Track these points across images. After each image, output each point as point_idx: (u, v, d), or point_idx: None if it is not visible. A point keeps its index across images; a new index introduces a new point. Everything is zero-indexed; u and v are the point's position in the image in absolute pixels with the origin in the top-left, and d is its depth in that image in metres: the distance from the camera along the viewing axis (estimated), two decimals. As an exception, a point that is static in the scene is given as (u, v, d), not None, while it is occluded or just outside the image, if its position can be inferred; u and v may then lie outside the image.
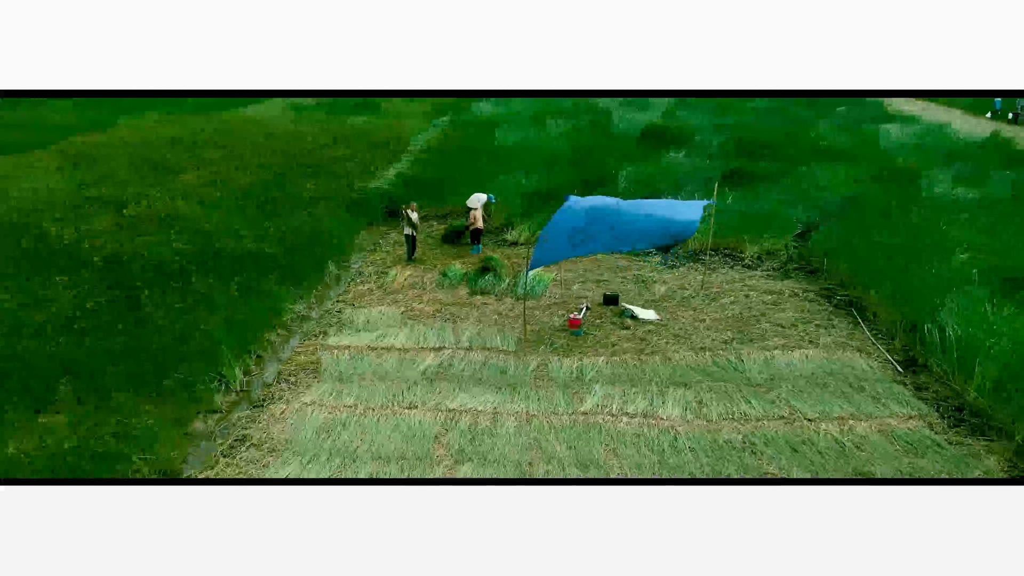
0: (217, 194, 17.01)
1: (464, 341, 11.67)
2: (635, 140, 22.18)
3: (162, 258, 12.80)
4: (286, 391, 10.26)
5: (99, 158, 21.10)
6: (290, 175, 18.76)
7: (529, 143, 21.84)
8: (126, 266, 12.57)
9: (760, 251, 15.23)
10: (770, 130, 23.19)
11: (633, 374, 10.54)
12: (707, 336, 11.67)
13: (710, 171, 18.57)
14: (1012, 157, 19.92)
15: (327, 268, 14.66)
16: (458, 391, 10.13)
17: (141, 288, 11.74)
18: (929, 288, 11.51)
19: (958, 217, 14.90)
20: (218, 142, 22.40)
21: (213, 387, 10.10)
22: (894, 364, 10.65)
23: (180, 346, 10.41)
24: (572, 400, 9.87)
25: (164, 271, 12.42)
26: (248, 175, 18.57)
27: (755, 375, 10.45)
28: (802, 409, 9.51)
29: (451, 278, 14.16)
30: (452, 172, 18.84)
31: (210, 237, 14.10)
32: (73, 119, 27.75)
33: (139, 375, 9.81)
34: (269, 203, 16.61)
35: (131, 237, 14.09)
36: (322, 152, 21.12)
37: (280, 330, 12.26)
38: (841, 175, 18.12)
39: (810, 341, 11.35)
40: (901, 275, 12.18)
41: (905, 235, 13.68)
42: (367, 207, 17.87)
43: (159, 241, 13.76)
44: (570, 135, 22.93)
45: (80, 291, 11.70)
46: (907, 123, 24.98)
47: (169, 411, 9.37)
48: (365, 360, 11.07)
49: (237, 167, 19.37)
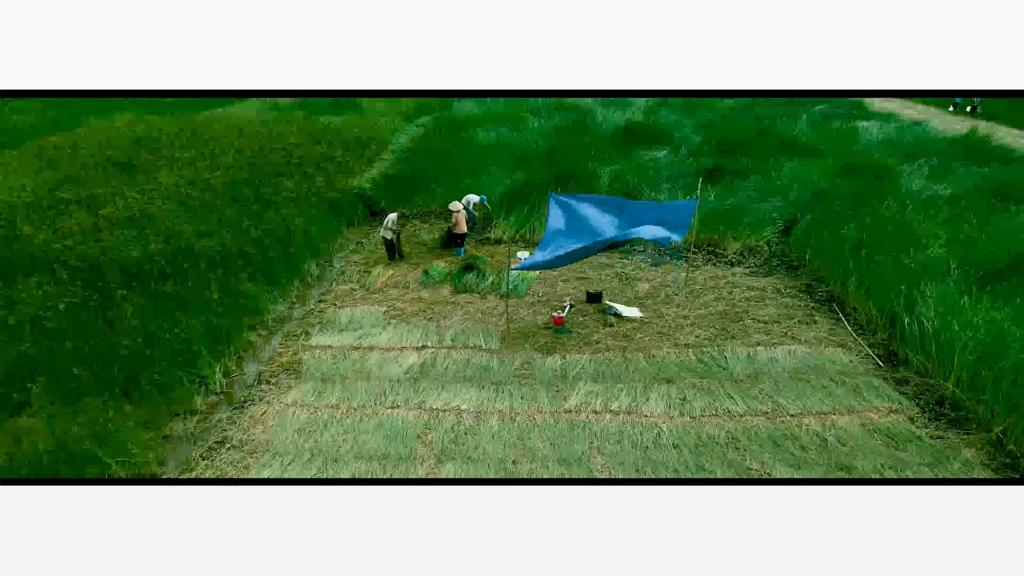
0: (193, 194, 16.73)
1: (447, 340, 11.60)
2: (614, 138, 22.18)
3: (138, 258, 12.57)
4: (267, 392, 10.13)
5: (68, 159, 20.70)
6: (267, 175, 18.51)
7: (509, 141, 21.76)
8: (101, 267, 12.31)
9: (742, 247, 15.31)
10: (744, 127, 23.31)
11: (617, 371, 10.54)
12: (691, 333, 11.70)
13: (690, 168, 18.61)
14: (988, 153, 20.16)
15: (308, 267, 14.52)
16: (441, 390, 10.06)
17: (116, 289, 11.50)
18: (906, 281, 11.61)
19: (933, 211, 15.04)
20: (191, 143, 22.04)
21: (192, 388, 9.95)
22: (875, 358, 10.74)
23: (156, 348, 10.21)
24: (556, 397, 9.84)
25: (140, 272, 12.20)
26: (224, 175, 18.27)
27: (738, 371, 10.49)
28: (785, 404, 9.55)
29: (434, 277, 14.08)
30: (432, 171, 18.71)
31: (187, 237, 13.88)
32: (39, 119, 27.29)
33: (114, 377, 9.62)
34: (247, 203, 16.38)
35: (106, 237, 13.82)
36: (299, 151, 20.87)
37: (261, 330, 12.12)
38: (817, 171, 18.23)
39: (792, 337, 11.42)
40: (877, 268, 12.28)
41: (880, 230, 13.78)
42: (347, 207, 17.72)
43: (134, 242, 13.51)
44: (551, 133, 22.89)
45: (54, 292, 11.45)
46: (884, 120, 25.22)
47: (145, 413, 9.21)
48: (348, 360, 10.96)
49: (212, 167, 19.04)
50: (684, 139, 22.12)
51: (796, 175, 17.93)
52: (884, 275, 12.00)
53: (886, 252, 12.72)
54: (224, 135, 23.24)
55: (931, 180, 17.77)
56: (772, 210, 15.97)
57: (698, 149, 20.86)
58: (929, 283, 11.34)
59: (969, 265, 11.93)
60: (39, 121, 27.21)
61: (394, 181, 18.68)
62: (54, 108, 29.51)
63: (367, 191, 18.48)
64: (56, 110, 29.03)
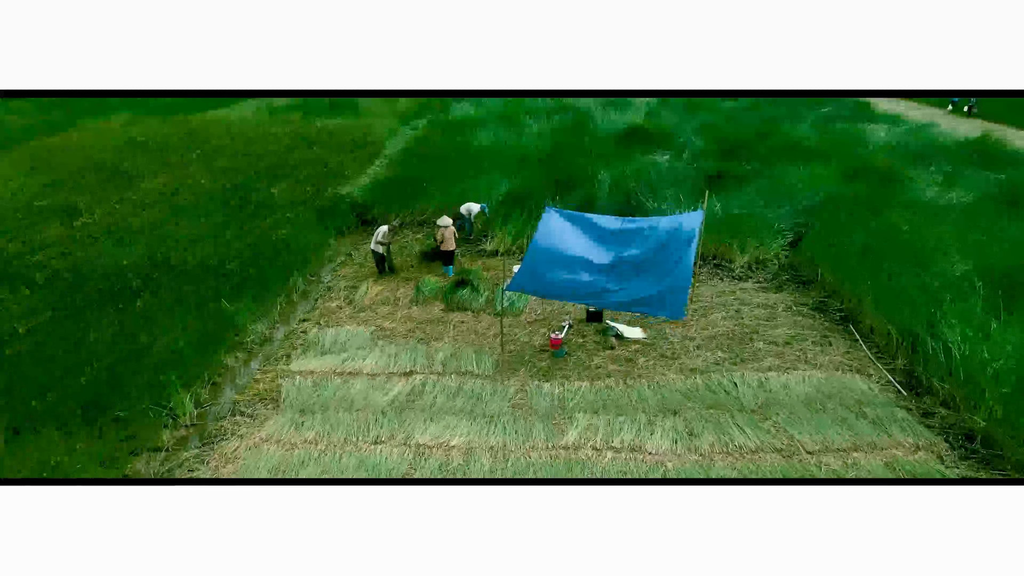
0: (179, 202, 16.04)
1: (437, 364, 10.87)
2: (614, 141, 21.40)
3: (111, 273, 11.82)
4: (241, 425, 9.38)
5: (57, 163, 20.02)
6: (258, 181, 17.80)
7: (507, 145, 20.98)
8: (72, 282, 11.57)
9: (750, 260, 14.54)
10: (746, 129, 22.50)
11: (619, 401, 9.79)
12: (697, 356, 10.95)
13: (693, 174, 17.81)
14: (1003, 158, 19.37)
15: (294, 283, 13.77)
16: (429, 422, 9.32)
17: (84, 308, 10.76)
18: (927, 299, 10.85)
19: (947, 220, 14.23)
20: (183, 146, 21.35)
21: (161, 420, 9.22)
22: (896, 386, 9.99)
23: (123, 375, 9.48)
24: (553, 432, 9.09)
25: (111, 288, 11.45)
26: (213, 181, 17.60)
27: (749, 400, 9.74)
28: (800, 439, 8.80)
29: (426, 293, 13.33)
30: (427, 177, 17.93)
31: (166, 250, 13.16)
32: (32, 120, 26.55)
33: (74, 409, 8.89)
34: (233, 212, 15.65)
35: (81, 249, 13.09)
36: (293, 155, 20.15)
37: (240, 352, 11.38)
38: (824, 176, 17.41)
39: (807, 361, 10.66)
40: (894, 284, 11.51)
41: (893, 241, 13.01)
42: (338, 214, 16.97)
43: (110, 254, 12.77)
44: (549, 136, 22.12)
45: (17, 311, 10.72)
46: (891, 122, 24.41)
47: (105, 449, 8.46)
48: (330, 387, 10.22)
49: (202, 173, 18.38)
50: (686, 142, 21.31)
51: (802, 181, 17.11)
52: (902, 292, 11.24)
53: (903, 266, 11.95)
54: (218, 138, 22.56)
55: (943, 186, 16.99)
56: (779, 219, 15.16)
57: (700, 153, 20.04)
58: (952, 301, 10.57)
59: (991, 280, 11.15)
60: (32, 123, 26.53)
61: (387, 187, 17.92)
62: (49, 109, 28.81)
63: (358, 198, 17.72)
64: (51, 111, 28.33)
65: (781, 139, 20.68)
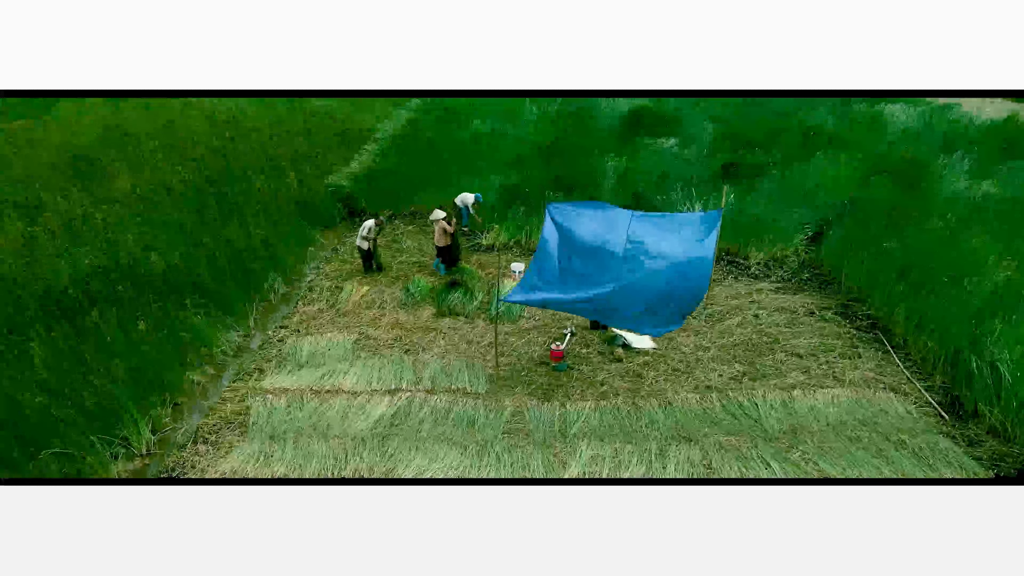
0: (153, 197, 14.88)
1: (426, 380, 9.83)
2: (619, 125, 20.14)
3: (64, 283, 10.73)
4: (203, 456, 8.36)
5: (28, 152, 18.78)
6: (237, 172, 16.59)
7: (504, 132, 19.72)
8: (17, 295, 10.45)
9: (767, 257, 13.44)
10: (760, 114, 21.17)
11: (627, 425, 8.78)
12: (713, 370, 9.92)
13: (703, 165, 16.62)
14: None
15: (272, 285, 12.68)
16: (414, 452, 8.31)
17: (32, 323, 9.69)
18: (965, 309, 9.79)
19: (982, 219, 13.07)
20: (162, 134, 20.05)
21: (112, 451, 8.21)
22: (936, 408, 8.96)
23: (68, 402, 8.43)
24: (552, 464, 8.08)
25: (65, 299, 10.35)
26: (188, 172, 16.40)
27: (772, 425, 8.73)
28: (832, 474, 7.79)
29: (415, 295, 12.25)
30: (420, 168, 16.75)
31: (130, 253, 12.05)
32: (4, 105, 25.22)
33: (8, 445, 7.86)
34: (208, 208, 14.51)
35: (32, 256, 11.96)
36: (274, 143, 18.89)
37: (208, 367, 10.34)
38: (845, 169, 16.22)
39: (835, 377, 9.63)
40: (927, 292, 10.43)
41: (925, 242, 11.89)
42: (324, 207, 15.82)
43: (67, 259, 11.67)
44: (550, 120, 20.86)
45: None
46: (910, 103, 22.98)
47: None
48: (304, 409, 9.20)
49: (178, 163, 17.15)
50: (695, 127, 20.04)
51: (823, 173, 15.92)
52: (938, 301, 10.17)
53: (937, 273, 10.84)
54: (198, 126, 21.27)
55: (974, 178, 15.80)
56: (798, 216, 14.01)
57: (711, 141, 18.77)
58: (998, 315, 9.51)
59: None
60: (4, 107, 25.18)
61: (377, 177, 16.73)
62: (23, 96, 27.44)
63: (345, 189, 16.54)
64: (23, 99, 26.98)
65: (798, 125, 19.39)
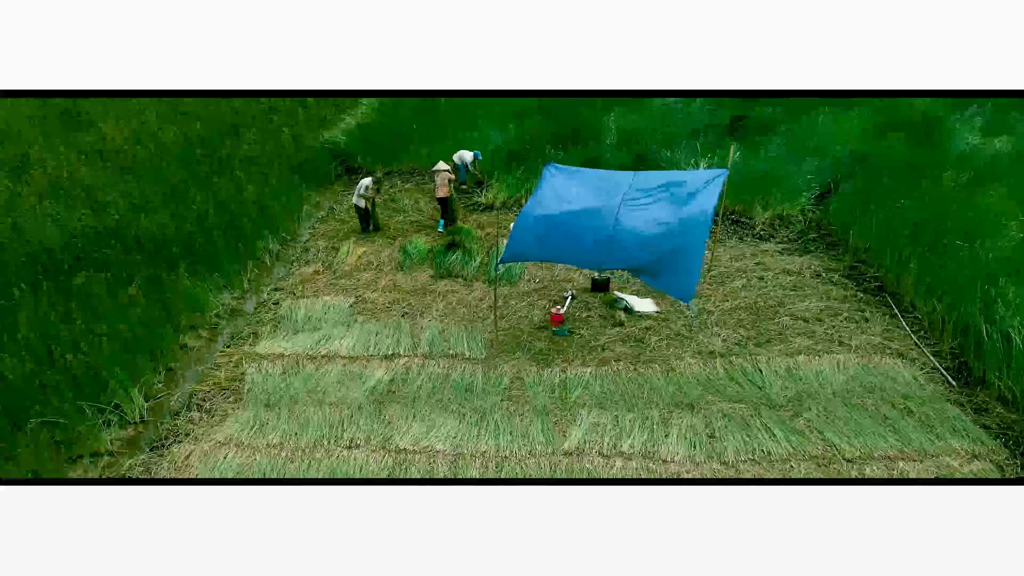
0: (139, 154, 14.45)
1: (423, 345, 9.64)
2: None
3: (50, 244, 10.45)
4: (197, 424, 8.22)
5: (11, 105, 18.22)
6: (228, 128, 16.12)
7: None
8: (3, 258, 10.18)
9: (772, 217, 13.11)
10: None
11: (628, 392, 8.61)
12: (716, 335, 9.72)
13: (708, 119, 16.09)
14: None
15: (266, 245, 12.39)
16: (412, 420, 8.17)
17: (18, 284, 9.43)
18: (977, 272, 9.53)
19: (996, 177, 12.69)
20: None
21: (104, 419, 8.07)
22: (944, 374, 8.79)
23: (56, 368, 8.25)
24: (553, 433, 7.94)
25: (53, 261, 10.09)
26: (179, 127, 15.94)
27: (777, 392, 8.56)
28: (838, 444, 7.65)
29: (413, 256, 11.98)
30: (415, 123, 16.24)
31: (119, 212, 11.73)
32: None
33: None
34: (199, 163, 14.12)
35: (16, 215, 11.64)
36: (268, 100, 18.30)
37: (202, 330, 10.14)
38: (852, 123, 15.72)
39: (840, 342, 9.43)
40: (941, 258, 10.16)
41: (937, 202, 11.55)
42: (319, 163, 15.38)
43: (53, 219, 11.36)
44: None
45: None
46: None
47: (33, 461, 7.33)
48: (300, 375, 9.04)
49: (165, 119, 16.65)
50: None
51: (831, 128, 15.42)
52: (949, 264, 9.90)
53: (949, 233, 10.55)
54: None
55: (986, 135, 15.32)
56: (807, 172, 13.60)
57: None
58: (1011, 278, 9.25)
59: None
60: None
61: (374, 132, 16.23)
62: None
63: (341, 144, 16.08)
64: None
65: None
